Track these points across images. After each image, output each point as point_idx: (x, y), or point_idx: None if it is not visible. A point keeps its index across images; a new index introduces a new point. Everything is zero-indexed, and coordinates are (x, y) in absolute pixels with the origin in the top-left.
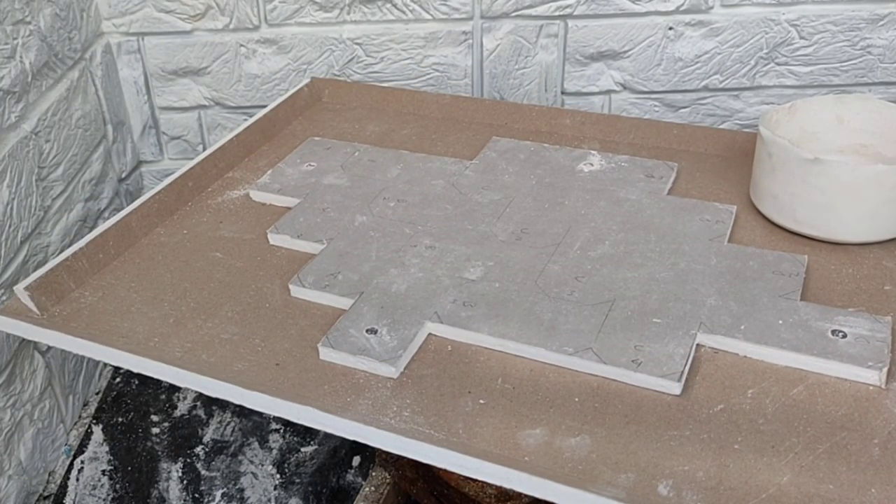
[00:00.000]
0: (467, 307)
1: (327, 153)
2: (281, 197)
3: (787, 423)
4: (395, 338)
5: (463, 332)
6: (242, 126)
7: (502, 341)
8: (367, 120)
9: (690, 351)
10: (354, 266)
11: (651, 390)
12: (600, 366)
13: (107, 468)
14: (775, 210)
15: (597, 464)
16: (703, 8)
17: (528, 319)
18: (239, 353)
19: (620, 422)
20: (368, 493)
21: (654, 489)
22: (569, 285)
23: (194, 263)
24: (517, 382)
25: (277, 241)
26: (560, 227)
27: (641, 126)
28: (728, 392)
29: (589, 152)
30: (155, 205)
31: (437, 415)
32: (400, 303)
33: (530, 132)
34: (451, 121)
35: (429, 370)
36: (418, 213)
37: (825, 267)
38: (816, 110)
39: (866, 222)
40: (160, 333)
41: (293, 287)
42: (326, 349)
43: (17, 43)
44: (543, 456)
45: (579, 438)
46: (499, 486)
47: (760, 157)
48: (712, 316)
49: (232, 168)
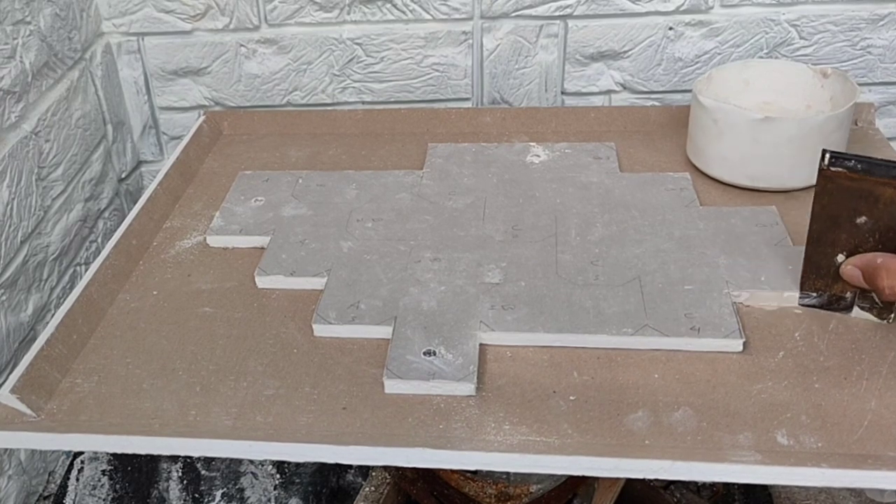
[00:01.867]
0: (508, 310)
1: (268, 185)
2: (244, 237)
3: (843, 356)
4: (457, 355)
5: (517, 336)
6: (160, 173)
7: (560, 336)
8: (284, 146)
9: (734, 308)
10: (371, 292)
11: (715, 352)
12: (663, 339)
13: (107, 468)
14: (726, 170)
15: (712, 431)
16: (703, 8)
17: (574, 310)
18: (295, 406)
19: (707, 387)
20: (368, 493)
21: (775, 441)
22: (590, 271)
23: (186, 324)
24: (593, 372)
25: (267, 283)
26: (547, 219)
27: (559, 114)
28: (779, 339)
29: (529, 145)
30: (108, 270)
31: (538, 421)
32: (440, 319)
33: (455, 135)
34: (371, 135)
35: (501, 380)
36: (402, 228)
37: (788, 213)
38: (726, 77)
39: (810, 167)
40: (194, 405)
41: (317, 326)
42: (393, 381)
43: (17, 43)
44: (660, 436)
45: (682, 411)
46: (498, 486)
47: (704, 125)
48: (732, 274)
49: (167, 217)
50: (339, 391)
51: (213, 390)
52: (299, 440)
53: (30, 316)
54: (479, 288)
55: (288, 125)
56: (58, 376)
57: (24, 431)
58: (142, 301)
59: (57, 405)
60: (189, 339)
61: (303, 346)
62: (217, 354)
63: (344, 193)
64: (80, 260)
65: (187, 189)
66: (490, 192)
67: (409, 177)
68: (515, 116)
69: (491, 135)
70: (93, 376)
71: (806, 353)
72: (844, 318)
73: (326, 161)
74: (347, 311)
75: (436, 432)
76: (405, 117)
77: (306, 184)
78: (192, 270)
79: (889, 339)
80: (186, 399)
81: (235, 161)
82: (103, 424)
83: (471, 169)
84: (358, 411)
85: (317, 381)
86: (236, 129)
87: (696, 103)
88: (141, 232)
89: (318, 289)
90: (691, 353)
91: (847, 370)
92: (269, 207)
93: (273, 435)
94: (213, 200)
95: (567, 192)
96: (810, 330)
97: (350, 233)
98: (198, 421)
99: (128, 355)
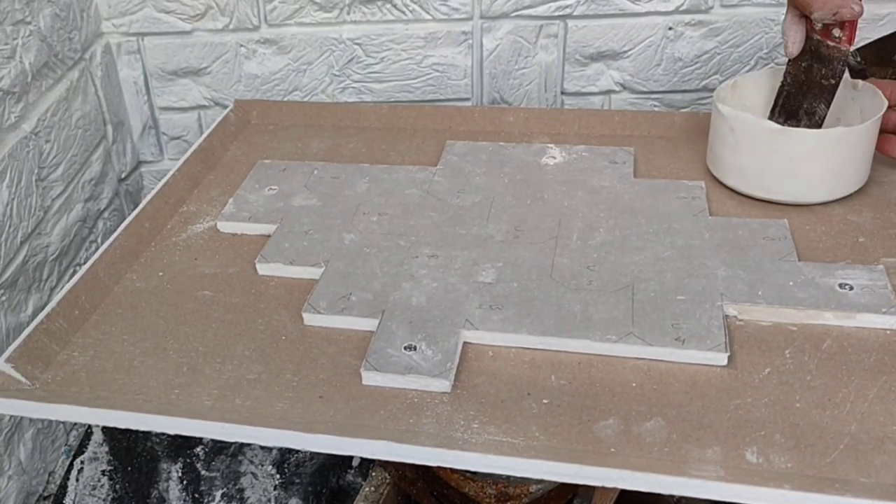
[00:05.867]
0: (495, 310)
1: (284, 175)
2: (252, 225)
3: (832, 376)
4: (437, 351)
5: (500, 336)
6: (182, 159)
7: (543, 339)
8: (307, 137)
9: (723, 321)
10: (364, 285)
11: (699, 365)
12: (647, 348)
13: (107, 468)
14: (741, 181)
15: (680, 444)
16: (702, 8)
17: (561, 314)
18: (274, 391)
19: (685, 399)
20: (368, 493)
21: (743, 458)
22: (584, 276)
23: (184, 305)
24: (570, 377)
25: (268, 270)
26: (551, 221)
27: (583, 116)
28: (768, 355)
29: (547, 146)
30: (118, 251)
31: (508, 421)
32: (427, 315)
33: (477, 133)
34: (393, 130)
35: (479, 379)
36: (405, 224)
37: (800, 228)
38: (753, 84)
39: (829, 182)
40: (178, 384)
41: (307, 315)
42: (370, 373)
43: (17, 43)
44: (627, 445)
45: (654, 422)
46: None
47: (721, 133)
48: (729, 286)
49: (184, 202)
50: (318, 380)
51: (199, 371)
52: (271, 425)
53: (30, 316)
54: (471, 286)
55: (314, 117)
56: (56, 348)
57: (14, 399)
58: (147, 282)
59: (52, 375)
60: (184, 320)
61: (291, 333)
62: (208, 337)
63: (355, 186)
64: (80, 260)
65: (208, 175)
66: (499, 191)
67: (421, 173)
68: (538, 117)
69: (512, 134)
70: (89, 350)
71: (793, 371)
72: (840, 336)
73: (346, 154)
74: (338, 302)
75: (405, 426)
76: (428, 114)
77: (321, 175)
78: (200, 254)
79: (882, 363)
80: (172, 378)
81: (258, 150)
82: (91, 397)
83: (484, 168)
84: (333, 401)
85: (299, 369)
86: (264, 119)
87: (715, 111)
88: (154, 215)
89: (315, 278)
90: (674, 365)
91: (833, 391)
92: (281, 197)
93: (247, 418)
94: (230, 188)
95: (576, 196)
96: (802, 348)
97: (354, 225)
98: (179, 399)
99: (125, 332)
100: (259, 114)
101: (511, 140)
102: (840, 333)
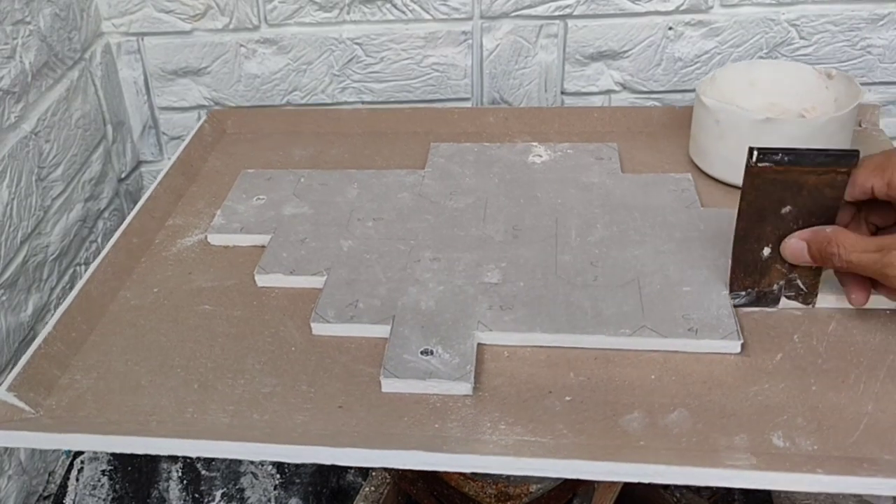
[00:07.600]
0: (506, 311)
1: (270, 184)
2: (245, 236)
3: (842, 358)
4: (454, 354)
5: (515, 336)
6: (162, 172)
7: (558, 336)
8: (288, 145)
9: (732, 310)
10: (369, 291)
11: (713, 354)
12: (661, 340)
13: (107, 468)
14: (728, 171)
15: (707, 433)
16: (702, 8)
17: (572, 311)
18: (291, 403)
19: (703, 389)
20: (368, 493)
21: (771, 443)
22: (589, 272)
23: (186, 321)
24: (589, 373)
25: (267, 281)
26: (547, 220)
27: (562, 114)
28: (777, 341)
29: (531, 145)
30: (108, 268)
31: (533, 421)
32: (438, 319)
33: (458, 134)
34: (374, 134)
35: (498, 380)
36: (402, 227)
37: None
38: (731, 77)
39: None
40: (191, 402)
41: (315, 325)
42: (390, 380)
43: (16, 43)
44: (655, 437)
45: (678, 413)
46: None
47: (706, 125)
48: None
49: (170, 216)
50: (335, 389)
51: (211, 388)
52: (295, 440)
53: (30, 316)
54: (478, 288)
55: (292, 124)
56: (57, 373)
57: (22, 431)
58: (142, 298)
59: (56, 401)
60: (188, 336)
61: (301, 344)
62: (215, 352)
63: (345, 192)
64: (80, 260)
65: (190, 187)
66: (491, 192)
67: (410, 176)
68: (518, 116)
69: (494, 135)
70: (92, 373)
71: (804, 355)
72: (844, 320)
73: (329, 160)
74: (346, 310)
75: (431, 432)
76: (408, 117)
77: (308, 183)
78: (193, 268)
79: (888, 342)
80: (184, 396)
81: (239, 160)
82: (101, 422)
83: (472, 169)
84: (354, 410)
85: (314, 380)
86: (240, 128)
87: (698, 103)
88: (142, 230)
89: (318, 287)
90: (689, 355)
91: (845, 373)
92: (271, 206)
93: (269, 434)
94: (215, 199)
95: (568, 193)
96: (809, 332)
97: (350, 232)
98: (195, 418)
99: (127, 352)
100: (234, 122)
101: (494, 140)
102: (843, 315)
